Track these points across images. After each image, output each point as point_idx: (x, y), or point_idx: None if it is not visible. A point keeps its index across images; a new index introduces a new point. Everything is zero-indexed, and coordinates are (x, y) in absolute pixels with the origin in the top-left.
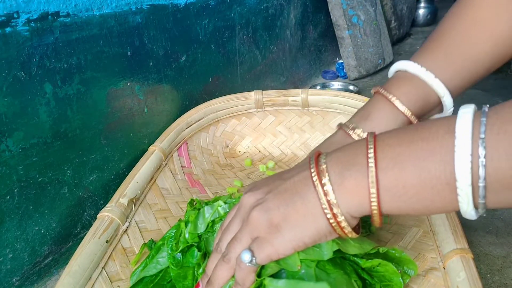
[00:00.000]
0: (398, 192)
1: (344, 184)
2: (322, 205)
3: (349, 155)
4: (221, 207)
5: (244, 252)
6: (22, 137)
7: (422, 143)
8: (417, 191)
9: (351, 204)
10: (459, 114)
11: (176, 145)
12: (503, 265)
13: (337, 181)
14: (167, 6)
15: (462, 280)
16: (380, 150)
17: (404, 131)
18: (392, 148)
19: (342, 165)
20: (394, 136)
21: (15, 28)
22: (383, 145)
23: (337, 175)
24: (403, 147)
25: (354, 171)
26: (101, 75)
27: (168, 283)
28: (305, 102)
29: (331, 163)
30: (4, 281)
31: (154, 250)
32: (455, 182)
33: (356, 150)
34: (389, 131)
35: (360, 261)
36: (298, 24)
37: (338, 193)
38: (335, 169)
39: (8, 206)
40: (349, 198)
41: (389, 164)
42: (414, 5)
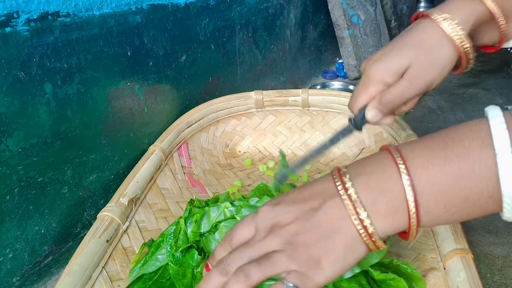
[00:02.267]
0: (439, 211)
1: (380, 211)
2: (363, 237)
3: (379, 179)
4: (228, 209)
5: (288, 284)
6: (22, 137)
7: (459, 161)
8: (458, 208)
9: (388, 228)
10: (492, 125)
11: (176, 145)
12: (503, 265)
13: (373, 210)
14: (167, 6)
15: (462, 280)
16: (413, 173)
17: (431, 144)
18: (425, 170)
19: (374, 192)
20: (423, 154)
21: (15, 28)
22: (415, 167)
23: (371, 204)
24: (438, 168)
25: (389, 199)
26: (101, 75)
27: (167, 281)
28: (305, 102)
29: (360, 188)
30: (4, 281)
31: (153, 247)
32: (500, 196)
33: (384, 173)
34: (412, 144)
35: (374, 272)
36: (298, 24)
37: (375, 221)
38: (367, 197)
39: (8, 206)
40: (386, 223)
41: (426, 188)
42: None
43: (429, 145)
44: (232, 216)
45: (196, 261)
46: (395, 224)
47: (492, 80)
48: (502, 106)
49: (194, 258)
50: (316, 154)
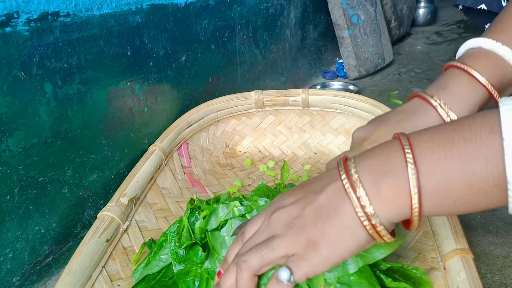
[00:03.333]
0: (442, 196)
1: (381, 193)
2: (361, 218)
3: (383, 161)
4: (237, 208)
5: (282, 270)
6: (22, 136)
7: (465, 144)
8: (462, 194)
9: (390, 212)
10: (502, 111)
11: (177, 145)
12: (503, 265)
13: (373, 191)
14: (167, 6)
15: (462, 280)
16: (418, 154)
17: (440, 131)
18: (431, 151)
19: (376, 173)
20: (430, 138)
21: (15, 28)
22: (420, 149)
23: (372, 184)
24: (444, 150)
25: (391, 179)
26: (101, 75)
27: (170, 280)
28: (305, 102)
29: (363, 171)
30: (4, 280)
31: (156, 246)
32: (506, 184)
33: (389, 154)
34: (421, 132)
35: (386, 279)
36: (298, 24)
37: (375, 203)
38: (369, 178)
39: (8, 206)
40: (387, 207)
41: (430, 169)
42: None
43: (438, 130)
44: (241, 214)
45: (200, 258)
46: (398, 209)
47: None
48: None
49: (198, 255)
50: None
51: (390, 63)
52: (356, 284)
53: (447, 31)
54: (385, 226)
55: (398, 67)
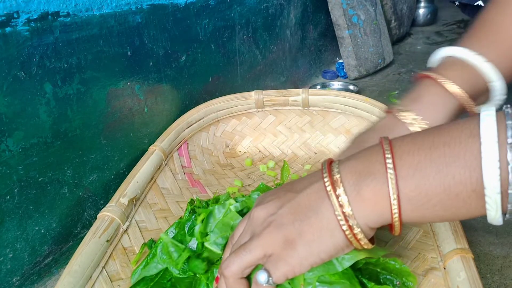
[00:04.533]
0: (421, 200)
1: (361, 194)
2: (338, 217)
3: (364, 163)
4: (233, 205)
5: (260, 273)
6: (22, 137)
7: (444, 148)
8: (440, 199)
9: (369, 215)
10: (482, 116)
11: (177, 145)
12: (503, 265)
13: (353, 192)
14: (167, 6)
15: (463, 280)
16: (398, 157)
17: (421, 135)
18: (411, 155)
19: (357, 175)
20: (411, 142)
21: (15, 28)
22: (401, 152)
23: (352, 185)
24: (423, 153)
25: (371, 181)
26: (101, 75)
27: (168, 282)
28: (306, 102)
29: (345, 172)
30: (4, 281)
31: (154, 248)
32: (483, 190)
33: (371, 157)
34: (404, 136)
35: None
36: (298, 24)
37: (354, 204)
38: (350, 179)
39: (8, 206)
40: (366, 209)
41: (409, 172)
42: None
43: (420, 135)
44: (237, 211)
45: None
46: (377, 212)
47: None
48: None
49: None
50: None
51: (390, 63)
52: (337, 283)
53: (447, 31)
54: (363, 230)
55: (398, 67)
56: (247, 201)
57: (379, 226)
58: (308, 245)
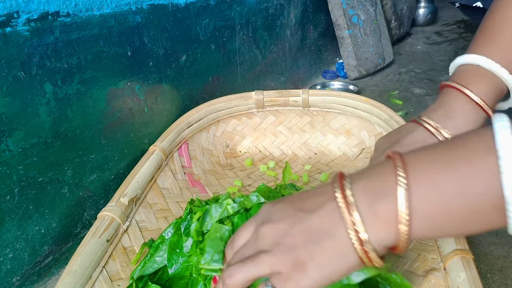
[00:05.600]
0: (439, 219)
1: (377, 217)
2: (353, 243)
3: (379, 183)
4: (230, 205)
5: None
6: (22, 137)
7: (461, 165)
8: (459, 216)
9: (384, 237)
10: (496, 129)
11: (177, 145)
12: (503, 265)
13: (368, 214)
14: (167, 6)
15: (463, 281)
16: (413, 177)
17: (436, 151)
18: (427, 174)
19: (371, 196)
20: (425, 158)
21: (15, 28)
22: (416, 171)
23: (367, 207)
24: (439, 172)
25: (386, 203)
26: (101, 75)
27: (166, 282)
28: (306, 102)
29: (359, 193)
30: (4, 281)
31: (152, 249)
32: (503, 204)
33: (385, 177)
34: (417, 151)
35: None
36: (298, 24)
37: (370, 228)
38: (364, 201)
39: (8, 206)
40: (382, 230)
41: (426, 191)
42: (414, 4)
43: (433, 151)
44: (235, 212)
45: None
46: (392, 232)
47: None
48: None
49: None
50: None
51: (390, 63)
52: None
53: (447, 31)
54: (378, 250)
55: (398, 67)
56: (245, 201)
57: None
58: (320, 268)
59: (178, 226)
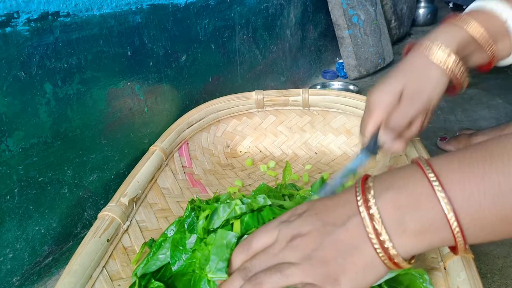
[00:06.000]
0: (474, 231)
1: (407, 232)
2: (383, 259)
3: (408, 197)
4: (238, 206)
5: None
6: (22, 137)
7: (498, 177)
8: (494, 228)
9: (414, 249)
10: None
11: (177, 145)
12: (503, 264)
13: (397, 230)
14: (167, 6)
15: (463, 280)
16: (448, 189)
17: (467, 160)
18: (461, 186)
19: (401, 210)
20: (458, 168)
21: (15, 28)
22: (449, 183)
23: (396, 222)
24: (475, 184)
25: (419, 217)
26: (101, 75)
27: (169, 279)
28: (306, 102)
29: (385, 207)
30: (4, 281)
31: (155, 247)
32: None
33: (415, 190)
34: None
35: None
36: (298, 24)
37: (399, 243)
38: (393, 215)
39: (8, 206)
40: (413, 245)
41: (463, 206)
42: (414, 4)
43: (465, 160)
44: (242, 213)
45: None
46: (425, 244)
47: (492, 81)
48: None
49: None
50: (340, 180)
51: (390, 63)
52: None
53: None
54: (406, 259)
55: None
56: (252, 203)
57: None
58: (352, 281)
59: (182, 223)
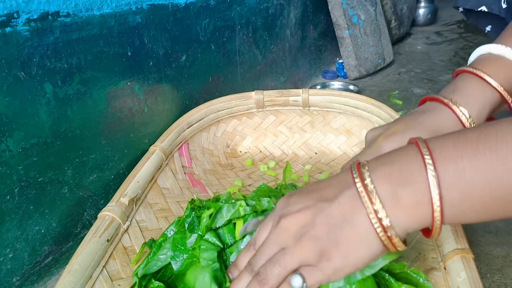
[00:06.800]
0: (464, 206)
1: (400, 204)
2: (377, 230)
3: (401, 169)
4: (243, 207)
5: (295, 277)
6: (22, 137)
7: (491, 154)
8: (484, 204)
9: (407, 222)
10: None
11: (177, 145)
12: (503, 264)
13: (391, 201)
14: (167, 6)
15: (463, 280)
16: (439, 164)
17: (462, 139)
18: (453, 161)
19: (393, 182)
20: (452, 146)
21: (15, 28)
22: (442, 158)
23: (390, 194)
24: (468, 160)
25: (410, 188)
26: (101, 75)
27: (169, 279)
28: (306, 102)
29: (379, 179)
30: (4, 281)
31: (155, 247)
32: None
33: (408, 163)
34: (442, 138)
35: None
36: (298, 24)
37: (393, 215)
38: (386, 188)
39: (8, 206)
40: (405, 217)
41: (453, 180)
42: (414, 4)
43: (460, 138)
44: (246, 214)
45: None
46: (416, 219)
47: None
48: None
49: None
50: None
51: (390, 63)
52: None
53: (447, 31)
54: (400, 236)
55: (398, 67)
56: (257, 205)
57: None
58: (344, 257)
59: (182, 223)
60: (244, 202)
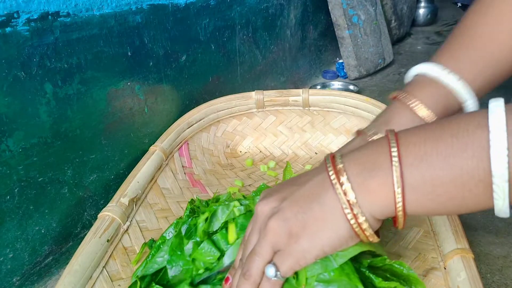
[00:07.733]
0: (426, 190)
1: (366, 184)
2: (342, 205)
3: (369, 155)
4: (237, 208)
5: (268, 267)
6: (22, 137)
7: (452, 139)
8: (446, 189)
9: (373, 205)
10: (490, 107)
11: (177, 145)
12: (503, 265)
13: (357, 180)
14: (167, 6)
15: (463, 280)
16: (404, 149)
17: (428, 128)
18: (417, 146)
19: (362, 166)
20: (417, 133)
21: (15, 28)
22: (407, 143)
23: (357, 175)
24: (430, 144)
25: (376, 172)
26: (101, 75)
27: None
28: (306, 102)
29: (349, 163)
30: (4, 281)
31: (153, 249)
32: (491, 179)
33: (376, 149)
34: (411, 128)
35: (376, 279)
36: (298, 24)
37: (359, 193)
38: (354, 169)
39: (8, 206)
40: (371, 199)
41: (414, 162)
42: (414, 4)
43: (426, 127)
44: (241, 214)
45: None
46: (382, 203)
47: None
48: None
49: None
50: None
51: (390, 63)
52: (335, 281)
53: (447, 31)
54: (368, 219)
55: (398, 67)
56: (250, 204)
57: (384, 218)
58: (311, 237)
59: (180, 228)
60: (238, 202)
